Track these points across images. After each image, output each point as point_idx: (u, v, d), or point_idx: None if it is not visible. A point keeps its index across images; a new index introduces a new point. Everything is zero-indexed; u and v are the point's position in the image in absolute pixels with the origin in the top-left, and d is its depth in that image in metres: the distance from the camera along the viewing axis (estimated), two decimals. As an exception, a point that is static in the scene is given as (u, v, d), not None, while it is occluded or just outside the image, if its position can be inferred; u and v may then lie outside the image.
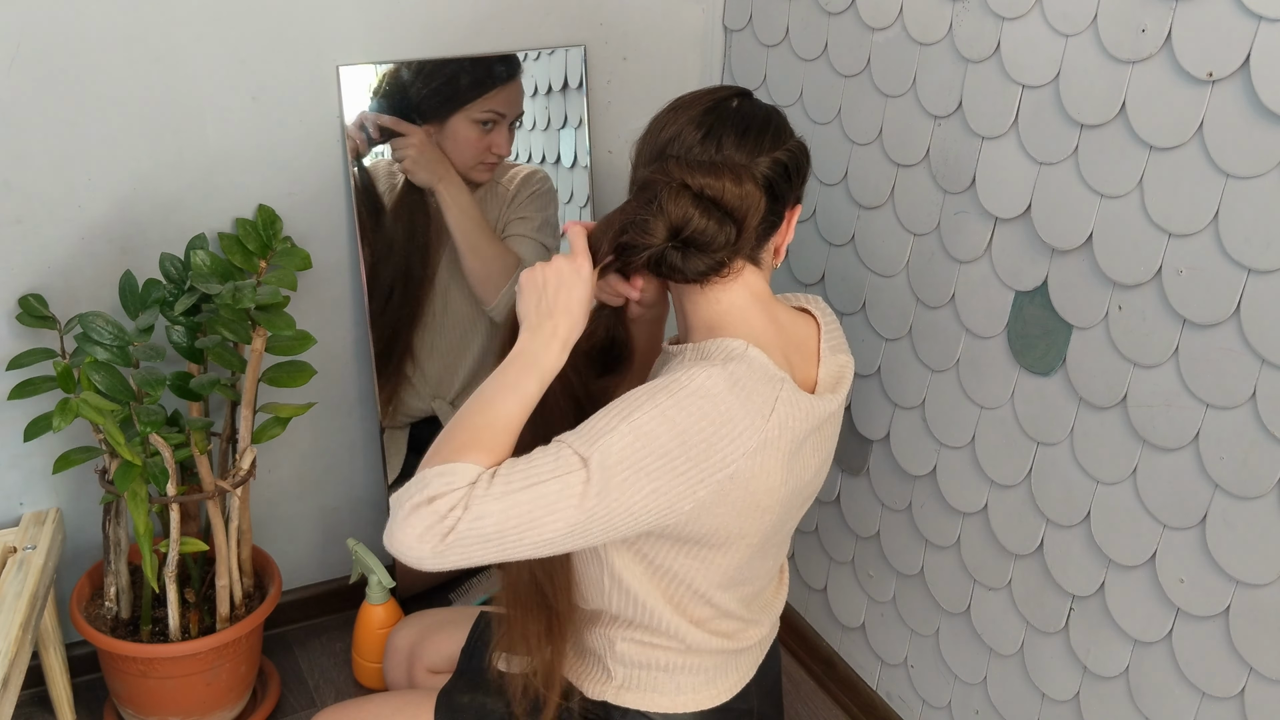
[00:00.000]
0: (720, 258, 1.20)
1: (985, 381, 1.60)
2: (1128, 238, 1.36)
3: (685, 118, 1.23)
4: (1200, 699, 1.38)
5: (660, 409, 1.14)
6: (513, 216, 2.02)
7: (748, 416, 1.17)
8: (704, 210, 1.18)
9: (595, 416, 1.15)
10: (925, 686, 1.84)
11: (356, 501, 2.12)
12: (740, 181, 1.18)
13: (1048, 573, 1.56)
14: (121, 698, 1.80)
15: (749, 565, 1.29)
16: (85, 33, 1.63)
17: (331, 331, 1.96)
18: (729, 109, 1.23)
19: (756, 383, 1.18)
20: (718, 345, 1.22)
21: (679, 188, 1.18)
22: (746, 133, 1.21)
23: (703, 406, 1.15)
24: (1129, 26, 1.32)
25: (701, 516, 1.18)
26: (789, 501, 1.26)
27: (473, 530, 1.08)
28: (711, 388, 1.16)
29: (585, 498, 1.10)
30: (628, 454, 1.12)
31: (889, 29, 1.66)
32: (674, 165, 1.20)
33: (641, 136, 1.27)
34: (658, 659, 1.32)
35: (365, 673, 2.00)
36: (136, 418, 1.56)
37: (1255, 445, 1.27)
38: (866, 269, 1.79)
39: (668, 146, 1.22)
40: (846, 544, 1.96)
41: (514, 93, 1.96)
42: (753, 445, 1.17)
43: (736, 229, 1.19)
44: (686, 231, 1.18)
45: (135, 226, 1.76)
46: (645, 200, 1.20)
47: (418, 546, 1.08)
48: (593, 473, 1.11)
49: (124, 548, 1.77)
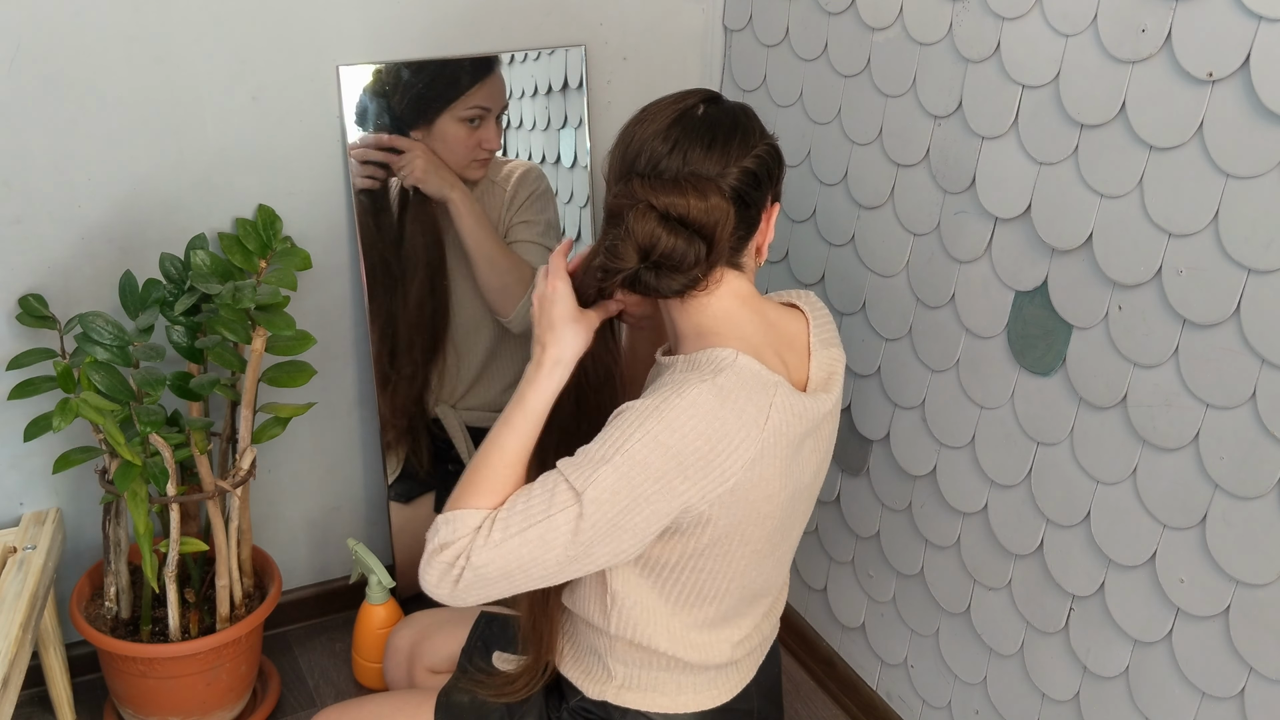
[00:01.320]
0: (694, 274, 1.20)
1: (985, 381, 1.60)
2: (1128, 238, 1.36)
3: (651, 130, 1.21)
4: (1200, 699, 1.38)
5: (651, 435, 1.15)
6: (515, 220, 2.02)
7: (743, 428, 1.17)
8: (671, 230, 1.17)
9: (593, 443, 1.18)
10: (925, 686, 1.84)
11: (356, 501, 2.12)
12: (705, 196, 1.17)
13: (1048, 573, 1.56)
14: (121, 698, 1.80)
15: (754, 571, 1.29)
16: (85, 33, 1.63)
17: (331, 331, 1.96)
18: (695, 118, 1.21)
19: (749, 391, 1.18)
20: (707, 356, 1.21)
21: (645, 209, 1.18)
22: (713, 144, 1.20)
23: (694, 425, 1.15)
24: (1129, 26, 1.31)
25: (705, 528, 1.20)
26: (790, 505, 1.26)
27: (479, 577, 1.17)
28: (701, 404, 1.16)
29: (579, 533, 1.15)
30: (622, 485, 1.14)
31: (889, 29, 1.66)
32: (639, 185, 1.19)
33: (612, 148, 1.26)
34: (658, 659, 1.32)
35: (365, 673, 2.00)
36: (136, 418, 1.56)
37: (1255, 445, 1.27)
38: (866, 269, 1.79)
39: (635, 162, 1.21)
40: (846, 544, 1.96)
41: (495, 86, 1.95)
42: (751, 455, 1.17)
43: (706, 245, 1.19)
44: (655, 253, 1.18)
45: (135, 226, 1.76)
46: (614, 224, 1.20)
47: (437, 590, 1.19)
48: (585, 508, 1.14)
49: (124, 548, 1.77)
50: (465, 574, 1.16)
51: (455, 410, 2.07)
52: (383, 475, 2.10)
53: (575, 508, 1.14)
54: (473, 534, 1.17)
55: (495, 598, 1.19)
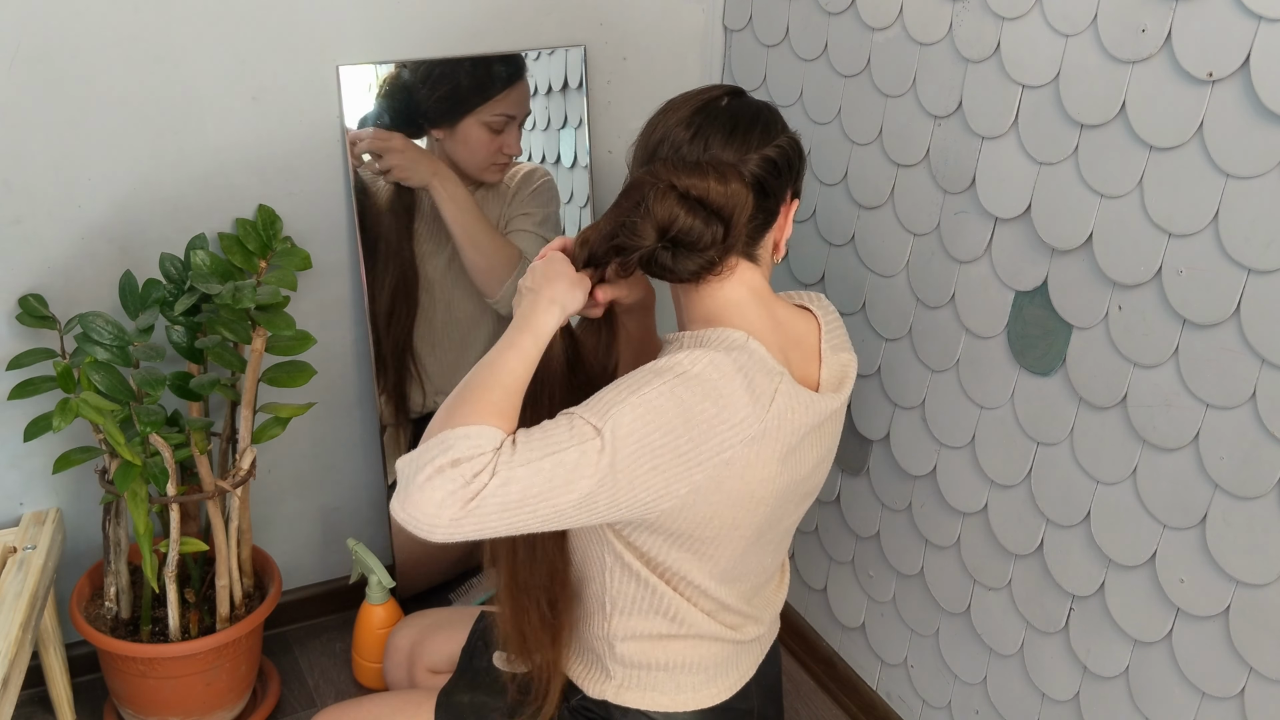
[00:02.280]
0: (710, 256, 1.21)
1: (985, 381, 1.60)
2: (1128, 238, 1.36)
3: (675, 119, 1.24)
4: (1200, 699, 1.38)
5: (669, 386, 1.15)
6: (514, 213, 2.02)
7: (749, 404, 1.17)
8: (690, 210, 1.19)
9: (603, 390, 1.16)
10: (925, 686, 1.84)
11: (356, 501, 2.12)
12: (726, 180, 1.19)
13: (1048, 573, 1.56)
14: (121, 698, 1.80)
15: (745, 559, 1.29)
16: (85, 33, 1.63)
17: (331, 331, 1.96)
18: (718, 108, 1.24)
19: (758, 373, 1.19)
20: (717, 334, 1.23)
21: (665, 188, 1.19)
22: (734, 131, 1.22)
23: (706, 388, 1.16)
24: (1129, 26, 1.31)
25: (696, 504, 1.18)
26: (784, 495, 1.26)
27: (497, 497, 1.07)
28: (718, 369, 1.17)
29: (598, 466, 1.11)
30: (637, 427, 1.13)
31: (889, 29, 1.66)
32: (661, 166, 1.21)
33: (636, 139, 1.28)
34: (657, 658, 1.32)
35: (365, 673, 2.00)
36: (136, 418, 1.56)
37: (1255, 445, 1.27)
38: (866, 269, 1.79)
39: (658, 148, 1.23)
40: (846, 544, 1.96)
41: (522, 93, 1.96)
42: (751, 433, 1.18)
43: (724, 227, 1.20)
44: (673, 231, 1.19)
45: (135, 226, 1.76)
46: (634, 203, 1.20)
47: (436, 514, 1.06)
48: (606, 442, 1.11)
49: (124, 548, 1.77)
50: (485, 491, 1.05)
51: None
52: (383, 475, 2.10)
53: (597, 440, 1.11)
54: (494, 452, 1.08)
55: (489, 534, 1.09)
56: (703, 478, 1.16)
